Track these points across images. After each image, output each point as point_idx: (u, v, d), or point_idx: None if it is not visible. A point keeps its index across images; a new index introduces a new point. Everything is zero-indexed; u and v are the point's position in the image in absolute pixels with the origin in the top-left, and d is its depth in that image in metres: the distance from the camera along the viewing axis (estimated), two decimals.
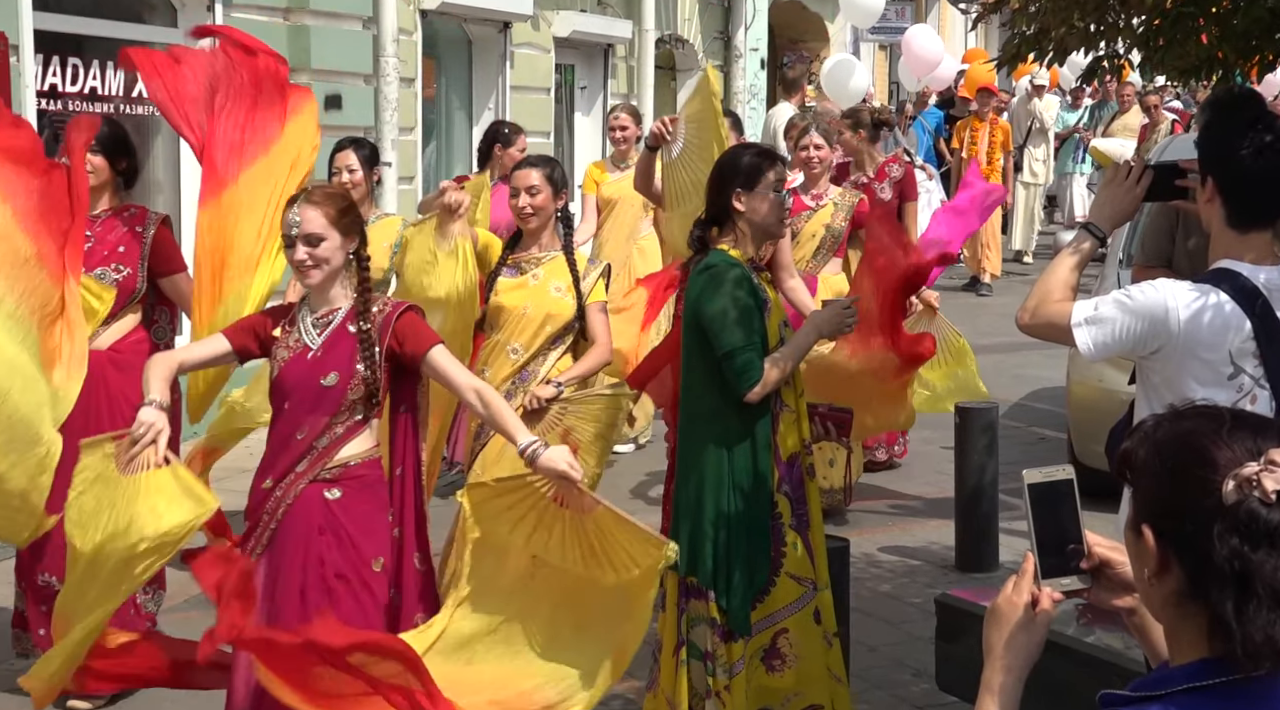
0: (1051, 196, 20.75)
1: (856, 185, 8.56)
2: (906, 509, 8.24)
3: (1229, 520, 1.84)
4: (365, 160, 6.81)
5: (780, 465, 4.55)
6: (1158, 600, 1.95)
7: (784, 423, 4.58)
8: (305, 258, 4.24)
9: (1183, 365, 3.34)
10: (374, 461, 4.29)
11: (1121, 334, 3.37)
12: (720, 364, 4.46)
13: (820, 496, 4.82)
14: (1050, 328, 3.47)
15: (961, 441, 7.12)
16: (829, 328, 4.68)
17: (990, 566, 7.00)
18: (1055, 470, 2.12)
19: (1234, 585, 1.83)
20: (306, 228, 4.23)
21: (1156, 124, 15.94)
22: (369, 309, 4.28)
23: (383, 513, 4.29)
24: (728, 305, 4.45)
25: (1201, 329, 3.32)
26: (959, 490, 7.13)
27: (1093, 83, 6.06)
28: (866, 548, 7.32)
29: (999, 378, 11.48)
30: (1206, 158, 3.45)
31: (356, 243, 4.31)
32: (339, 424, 4.23)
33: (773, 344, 4.51)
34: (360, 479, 4.25)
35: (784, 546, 4.55)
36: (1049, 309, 3.47)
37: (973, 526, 7.07)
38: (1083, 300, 3.44)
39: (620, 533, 3.85)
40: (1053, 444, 9.35)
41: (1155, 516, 1.93)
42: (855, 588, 6.02)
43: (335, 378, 4.22)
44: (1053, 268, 3.54)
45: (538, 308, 5.65)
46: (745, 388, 4.43)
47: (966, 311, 14.89)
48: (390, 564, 4.29)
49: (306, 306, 4.35)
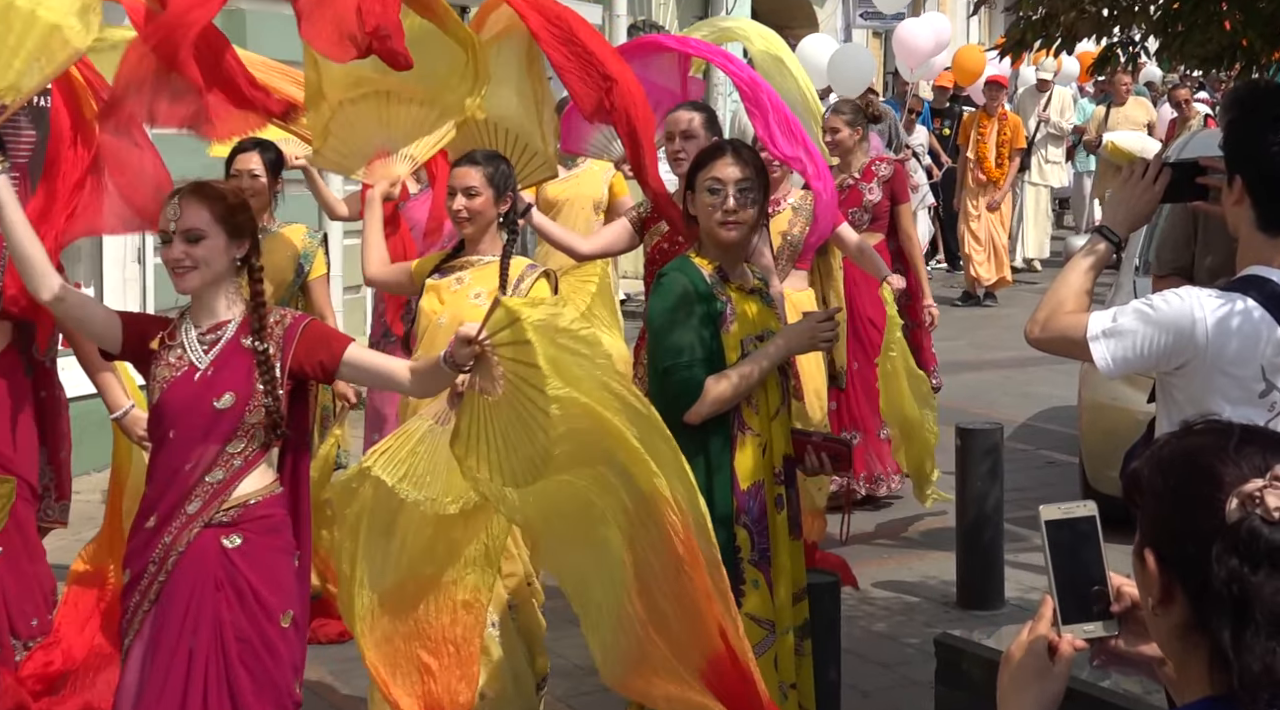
0: (1064, 198, 20.82)
1: (841, 188, 8.53)
2: (902, 540, 8.23)
3: (1229, 540, 1.83)
4: (269, 165, 6.74)
5: (739, 494, 4.51)
6: (1164, 633, 1.94)
7: (744, 447, 4.54)
8: (182, 256, 4.06)
9: (1209, 381, 3.34)
10: (276, 498, 4.16)
11: (1143, 348, 3.37)
12: (662, 380, 4.51)
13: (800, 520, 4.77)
14: (1064, 341, 3.46)
15: (963, 466, 7.11)
16: (800, 343, 4.61)
17: (995, 603, 7.00)
18: (1076, 506, 2.11)
19: (1231, 611, 1.82)
20: (187, 222, 4.06)
21: (1188, 120, 15.87)
22: (264, 324, 4.12)
23: (289, 557, 4.17)
24: (671, 317, 4.50)
25: (1230, 341, 3.32)
26: (960, 519, 7.12)
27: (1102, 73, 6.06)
28: (859, 583, 7.29)
29: (1004, 396, 11.50)
30: (1234, 156, 3.45)
31: (247, 248, 4.16)
32: (236, 454, 4.07)
33: (731, 360, 4.51)
34: (263, 521, 4.10)
35: (742, 584, 4.51)
36: (1062, 321, 3.46)
37: (975, 559, 7.06)
38: (1099, 311, 3.44)
39: None
40: (1063, 468, 9.36)
41: (1158, 539, 1.93)
42: (847, 627, 5.99)
43: (231, 399, 4.06)
44: (1064, 275, 3.54)
45: (453, 317, 5.36)
46: (681, 407, 4.45)
47: (968, 324, 14.94)
48: (301, 617, 4.18)
49: (189, 320, 4.19)
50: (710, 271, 4.59)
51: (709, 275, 4.58)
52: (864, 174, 8.72)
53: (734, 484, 4.52)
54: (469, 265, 5.49)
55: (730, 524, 4.50)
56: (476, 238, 5.49)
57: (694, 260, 4.63)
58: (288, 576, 4.14)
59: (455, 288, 5.44)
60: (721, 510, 4.49)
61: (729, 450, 4.52)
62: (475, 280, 5.45)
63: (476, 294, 5.40)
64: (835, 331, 4.66)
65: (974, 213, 15.91)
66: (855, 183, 8.69)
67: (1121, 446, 4.61)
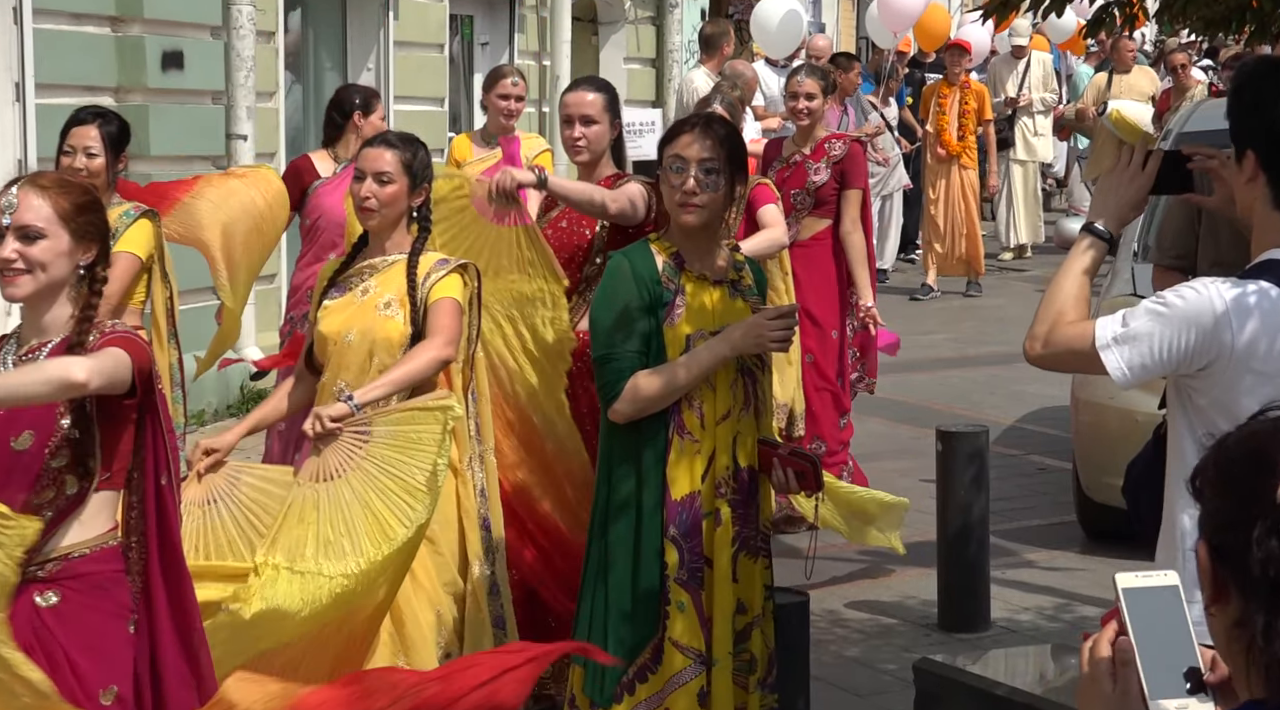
0: (1057, 179, 20.85)
1: (787, 164, 8.41)
2: (878, 555, 8.24)
3: (1270, 520, 1.89)
4: (110, 139, 6.43)
5: (670, 504, 4.51)
6: (1220, 635, 1.98)
7: (680, 454, 4.54)
8: (13, 257, 3.77)
9: (1237, 381, 3.33)
10: (108, 552, 3.90)
11: (1162, 351, 3.35)
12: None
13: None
14: (1070, 355, 3.46)
15: (944, 473, 7.14)
16: (746, 342, 4.56)
17: (979, 625, 7.02)
18: (1154, 575, 2.15)
19: (1267, 596, 1.87)
20: (23, 217, 3.79)
21: (1184, 89, 15.80)
22: (84, 340, 3.81)
23: (118, 622, 3.91)
24: (607, 305, 4.55)
25: (1259, 335, 3.33)
26: (942, 532, 7.14)
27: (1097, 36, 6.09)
28: (830, 603, 7.32)
29: (990, 396, 11.55)
30: (1244, 130, 3.46)
31: (93, 254, 3.91)
32: (45, 505, 3.79)
33: (673, 356, 4.52)
34: (86, 578, 3.84)
35: (667, 605, 4.51)
36: (1064, 333, 3.46)
37: (959, 577, 7.09)
38: (1105, 316, 3.43)
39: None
40: (1055, 476, 9.41)
41: (1212, 532, 1.99)
42: (816, 653, 6.00)
43: (30, 439, 3.76)
44: (1058, 283, 3.53)
45: (362, 334, 5.20)
46: (606, 403, 4.51)
47: (949, 317, 14.99)
48: (127, 693, 3.90)
49: (14, 340, 3.94)
50: (665, 258, 4.60)
51: (663, 262, 4.58)
52: (814, 151, 8.44)
53: (665, 494, 4.52)
54: (372, 270, 5.29)
55: (659, 538, 4.50)
56: (383, 232, 5.28)
57: (652, 245, 4.65)
58: (114, 644, 3.87)
59: (360, 300, 5.25)
60: (649, 522, 4.51)
61: (663, 456, 4.53)
62: (382, 286, 5.25)
63: (386, 302, 5.22)
64: (788, 333, 4.60)
65: (933, 196, 15.77)
66: (802, 160, 8.43)
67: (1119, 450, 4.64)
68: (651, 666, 4.53)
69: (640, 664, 4.53)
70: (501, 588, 5.42)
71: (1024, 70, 17.76)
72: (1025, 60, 17.75)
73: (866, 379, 8.81)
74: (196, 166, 10.25)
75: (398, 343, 5.18)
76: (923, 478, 8.49)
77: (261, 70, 11.05)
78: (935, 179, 15.77)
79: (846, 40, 22.19)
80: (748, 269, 4.79)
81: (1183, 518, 3.43)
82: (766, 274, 7.71)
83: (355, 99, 8.16)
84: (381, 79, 12.55)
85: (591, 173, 6.08)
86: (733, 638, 4.54)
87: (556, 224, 6.07)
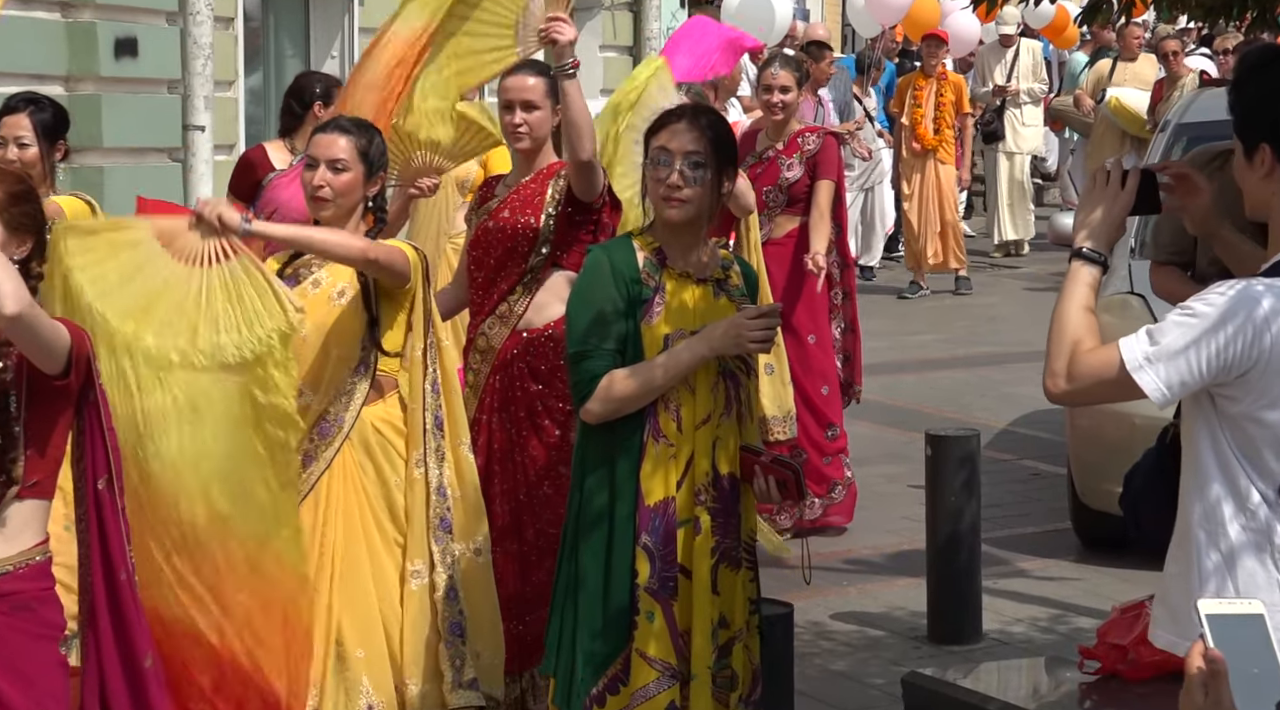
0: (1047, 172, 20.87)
1: (760, 160, 8.37)
2: (865, 564, 8.25)
3: None
4: (43, 128, 6.32)
5: (641, 511, 4.51)
6: None
7: (654, 457, 4.53)
8: None
9: (1271, 387, 3.33)
10: (35, 569, 3.83)
11: (1202, 364, 3.32)
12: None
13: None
14: (1099, 385, 3.41)
15: (934, 479, 7.14)
16: (725, 342, 4.54)
17: (971, 637, 7.03)
18: (1238, 603, 2.18)
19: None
20: None
21: (1176, 78, 15.79)
22: (8, 341, 3.75)
23: (46, 644, 3.86)
24: (582, 300, 4.57)
25: None
26: (931, 541, 7.15)
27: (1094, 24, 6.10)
28: (815, 614, 7.31)
29: (981, 398, 11.56)
30: (1252, 125, 3.46)
31: (28, 248, 3.88)
32: None
33: (651, 355, 4.52)
34: (10, 598, 3.79)
35: (635, 615, 4.50)
36: (1087, 363, 3.40)
37: (949, 587, 7.09)
38: (1127, 338, 3.38)
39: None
40: (1049, 481, 9.42)
41: None
42: (801, 666, 5.99)
43: None
44: (1062, 314, 3.47)
45: (316, 328, 5.16)
46: (578, 403, 4.54)
47: (938, 316, 15.01)
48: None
49: None
50: (647, 254, 4.60)
51: (644, 258, 4.58)
52: (787, 146, 8.41)
53: (638, 499, 4.52)
54: (323, 260, 5.26)
55: (631, 546, 4.50)
56: (336, 223, 5.25)
57: (634, 239, 4.66)
58: (41, 666, 3.83)
59: (312, 291, 5.22)
60: (621, 531, 4.51)
61: (637, 461, 4.52)
62: (334, 275, 5.23)
63: (340, 291, 5.20)
64: (769, 333, 4.57)
65: (907, 191, 15.77)
66: (775, 155, 8.41)
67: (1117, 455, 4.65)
68: (623, 678, 4.52)
69: (611, 675, 4.52)
70: (462, 593, 5.31)
71: (1012, 59, 17.80)
72: (1014, 49, 17.79)
73: (854, 386, 8.77)
74: (151, 159, 10.23)
75: (356, 330, 5.17)
76: (911, 483, 8.49)
77: (220, 58, 11.01)
78: (910, 174, 15.77)
79: (831, 28, 22.22)
80: (736, 268, 4.78)
81: (1199, 533, 3.42)
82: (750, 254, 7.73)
83: (316, 88, 8.08)
84: (346, 67, 12.50)
85: (534, 160, 6.02)
86: (714, 653, 4.53)
87: (498, 214, 5.97)
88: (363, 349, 5.21)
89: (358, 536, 5.18)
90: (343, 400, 5.18)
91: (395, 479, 5.26)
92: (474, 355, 6.02)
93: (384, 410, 5.28)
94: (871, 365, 9.45)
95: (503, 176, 6.28)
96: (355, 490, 5.21)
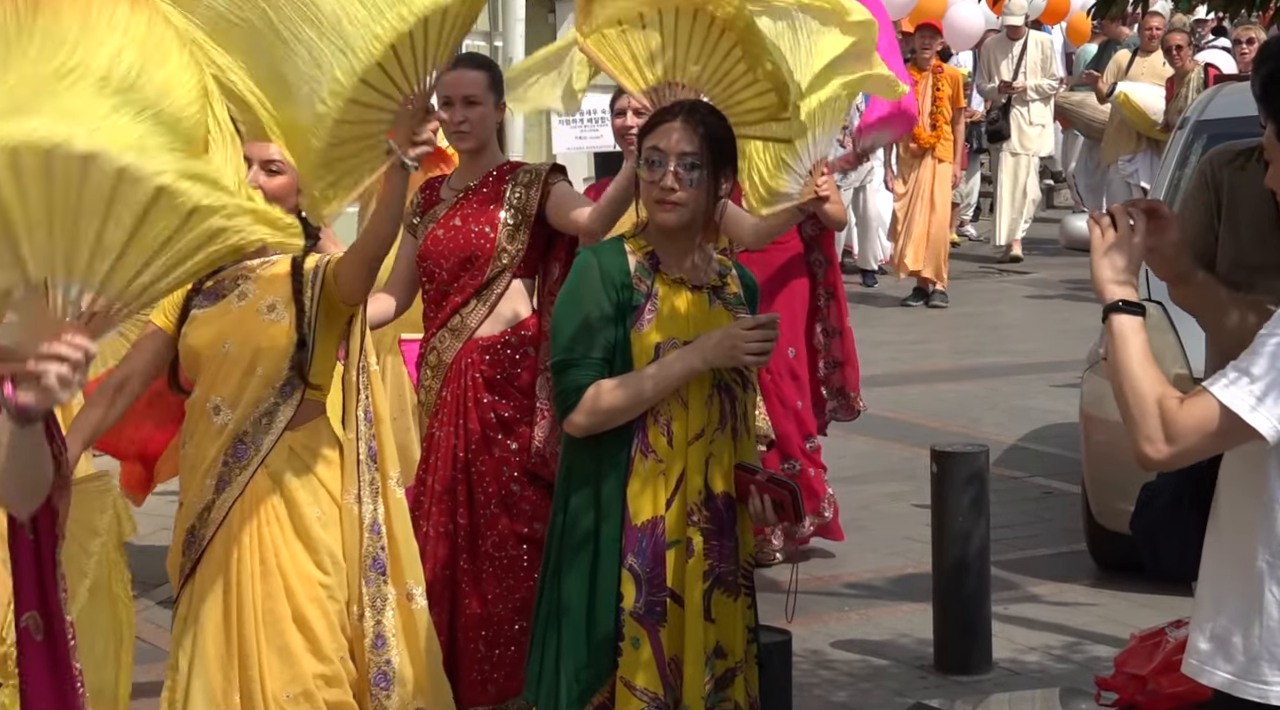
0: (1058, 173, 20.87)
1: None
2: (867, 588, 8.25)
3: None
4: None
5: (629, 531, 4.50)
6: None
7: (642, 474, 4.52)
8: None
9: None
10: None
11: None
12: None
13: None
14: (1207, 439, 3.39)
15: (940, 498, 7.13)
16: (719, 354, 4.53)
17: (980, 667, 7.02)
18: None
19: None
20: None
21: (1183, 74, 15.76)
22: None
23: None
24: (568, 306, 4.58)
25: None
26: (938, 564, 7.15)
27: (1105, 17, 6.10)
28: (815, 642, 7.32)
29: (990, 411, 11.56)
30: None
31: None
32: None
33: (640, 365, 4.52)
34: None
35: (620, 641, 4.50)
36: (1185, 420, 3.38)
37: (957, 613, 7.09)
38: (1218, 386, 3.37)
39: None
40: (1061, 500, 9.42)
41: None
42: (800, 697, 5.99)
43: None
44: (1128, 378, 3.45)
45: (242, 343, 5.02)
46: (562, 414, 4.55)
47: (945, 324, 15.01)
48: None
49: None
50: (639, 257, 4.59)
51: (636, 261, 4.58)
52: None
53: (625, 518, 4.51)
54: (248, 273, 5.09)
55: (616, 567, 4.49)
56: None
57: (625, 242, 4.64)
58: None
59: (238, 305, 5.07)
60: (607, 552, 4.50)
61: (623, 477, 4.52)
62: (264, 289, 5.07)
63: (270, 305, 5.03)
64: (767, 345, 4.56)
65: (901, 189, 15.75)
66: None
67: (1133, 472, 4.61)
68: (609, 708, 4.52)
69: (598, 704, 4.53)
70: (392, 640, 5.10)
71: (1020, 53, 17.68)
72: (1021, 41, 17.70)
73: (850, 394, 8.71)
74: None
75: (284, 349, 4.99)
76: (916, 502, 8.49)
77: None
78: (906, 173, 15.73)
79: None
80: (734, 274, 4.77)
81: (1261, 566, 3.41)
82: None
83: None
84: None
85: (479, 160, 5.96)
86: (710, 684, 4.51)
87: (448, 222, 5.90)
88: (290, 368, 5.04)
89: (273, 571, 4.98)
90: (263, 422, 5.01)
91: (316, 512, 5.05)
92: (424, 371, 5.96)
93: (307, 437, 5.08)
94: (874, 377, 9.44)
95: (444, 177, 6.16)
96: (268, 521, 5.01)
